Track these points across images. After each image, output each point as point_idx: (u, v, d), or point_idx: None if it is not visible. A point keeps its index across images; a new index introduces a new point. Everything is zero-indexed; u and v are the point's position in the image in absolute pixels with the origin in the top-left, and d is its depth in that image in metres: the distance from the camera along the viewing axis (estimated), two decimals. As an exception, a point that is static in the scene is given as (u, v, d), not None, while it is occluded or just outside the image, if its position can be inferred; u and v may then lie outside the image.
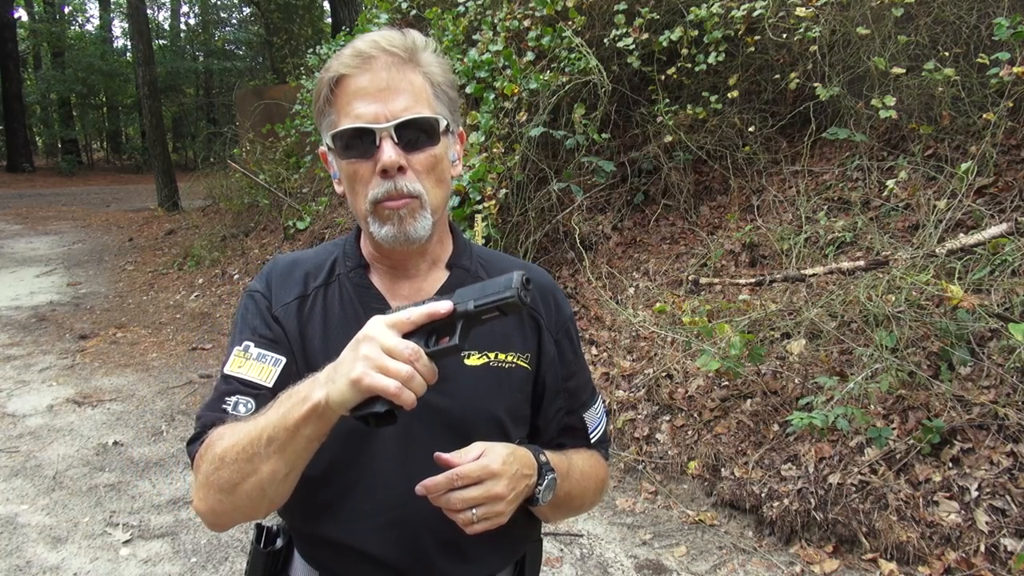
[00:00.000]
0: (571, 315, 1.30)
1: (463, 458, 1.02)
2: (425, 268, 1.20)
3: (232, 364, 1.15)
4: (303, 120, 8.64)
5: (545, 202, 5.50)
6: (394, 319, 0.94)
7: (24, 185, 21.18)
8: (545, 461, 1.12)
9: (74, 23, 33.02)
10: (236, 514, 1.05)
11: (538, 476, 1.10)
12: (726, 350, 3.68)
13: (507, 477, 1.02)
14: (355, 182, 1.10)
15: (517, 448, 1.09)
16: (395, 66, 1.08)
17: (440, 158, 1.12)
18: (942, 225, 3.92)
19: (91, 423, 4.79)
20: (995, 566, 2.69)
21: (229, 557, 3.28)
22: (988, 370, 3.19)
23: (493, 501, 1.01)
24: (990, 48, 4.24)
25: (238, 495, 1.01)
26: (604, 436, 1.33)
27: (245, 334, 1.17)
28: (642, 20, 5.37)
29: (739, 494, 3.39)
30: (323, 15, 28.61)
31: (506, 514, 1.04)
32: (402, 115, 1.06)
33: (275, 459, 0.97)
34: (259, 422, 1.00)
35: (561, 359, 1.24)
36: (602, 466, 1.31)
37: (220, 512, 1.05)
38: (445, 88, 1.13)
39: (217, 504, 1.04)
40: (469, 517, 1.01)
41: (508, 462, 1.03)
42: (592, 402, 1.31)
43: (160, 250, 10.74)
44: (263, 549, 1.25)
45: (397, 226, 1.09)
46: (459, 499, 1.01)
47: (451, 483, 1.01)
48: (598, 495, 1.31)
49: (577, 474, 1.22)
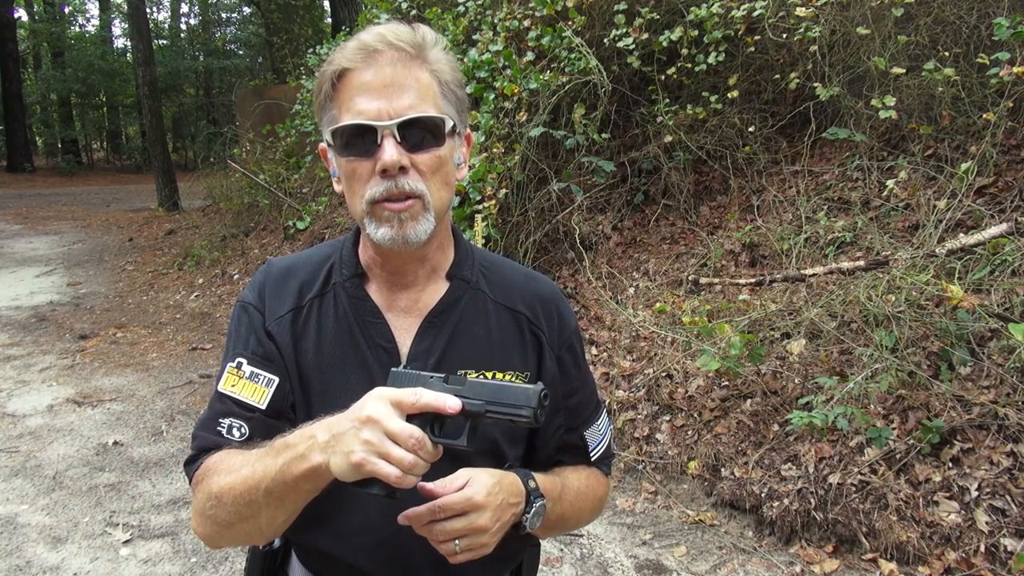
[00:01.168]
0: (576, 328, 1.25)
1: (447, 488, 0.99)
2: (424, 276, 1.16)
3: (225, 382, 1.14)
4: (303, 120, 8.64)
5: (545, 202, 5.50)
6: (399, 398, 0.90)
7: (24, 185, 21.18)
8: (534, 487, 1.08)
9: (74, 23, 33.02)
10: (234, 542, 1.10)
11: (526, 503, 1.07)
12: (726, 350, 3.68)
13: (491, 509, 0.99)
14: (353, 181, 1.06)
15: (504, 476, 1.05)
16: (401, 62, 1.03)
17: (445, 160, 1.06)
18: (942, 225, 3.92)
19: (91, 423, 4.79)
20: (995, 566, 2.69)
21: (229, 557, 3.28)
22: (988, 370, 3.18)
23: (476, 533, 0.99)
24: (990, 48, 4.24)
25: (235, 531, 1.04)
26: (606, 453, 1.28)
27: (238, 349, 1.15)
28: (642, 20, 5.37)
29: (739, 494, 3.39)
30: (323, 15, 28.59)
31: (490, 545, 1.01)
32: (406, 113, 1.01)
33: (274, 507, 0.98)
34: (256, 470, 0.98)
35: (563, 376, 1.20)
36: (601, 484, 1.26)
37: (217, 539, 1.09)
38: (453, 87, 1.08)
39: (214, 533, 1.07)
40: (451, 548, 0.99)
41: (493, 492, 1.00)
42: (595, 418, 1.26)
43: (160, 250, 10.73)
44: (261, 549, 1.25)
45: (396, 228, 1.04)
46: (441, 531, 0.99)
47: (433, 515, 0.99)
48: (595, 513, 1.28)
49: (571, 496, 1.18)
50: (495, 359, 1.14)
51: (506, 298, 1.20)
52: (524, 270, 1.28)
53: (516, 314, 1.19)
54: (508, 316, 1.19)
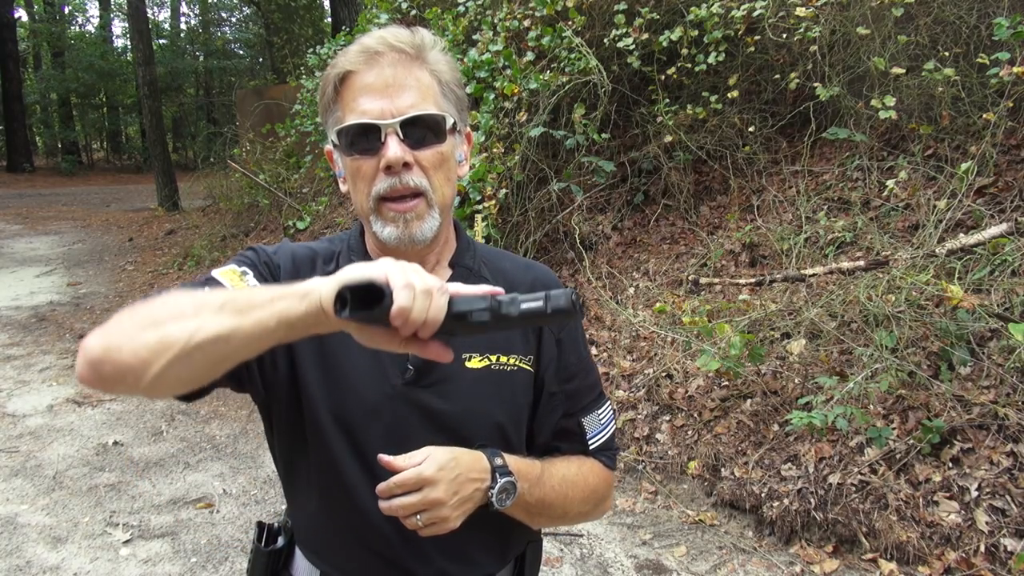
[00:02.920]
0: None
1: (406, 463, 1.02)
2: (430, 267, 1.17)
3: (224, 274, 1.09)
4: (303, 120, 8.64)
5: (545, 202, 5.50)
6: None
7: (24, 185, 21.18)
8: (500, 464, 1.09)
9: (74, 23, 33.03)
10: (124, 360, 0.84)
11: (491, 479, 1.07)
12: (726, 350, 3.68)
13: (445, 482, 1.01)
14: (358, 179, 1.09)
15: (465, 453, 1.06)
16: (402, 63, 1.06)
17: (447, 156, 1.10)
18: (942, 225, 3.92)
19: (91, 423, 4.79)
20: (995, 566, 2.69)
21: (229, 557, 3.28)
22: (988, 370, 3.19)
23: (433, 507, 1.01)
24: (990, 48, 4.24)
25: (149, 334, 0.84)
26: (607, 444, 1.27)
27: (246, 264, 1.12)
28: (642, 20, 5.37)
29: (739, 494, 3.39)
30: (324, 15, 28.58)
31: (452, 519, 1.03)
32: (408, 111, 1.05)
33: (226, 316, 0.83)
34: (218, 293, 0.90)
35: (561, 360, 1.21)
36: (597, 474, 1.24)
37: (110, 350, 0.85)
38: (453, 87, 1.11)
39: (116, 337, 0.86)
40: (414, 523, 1.02)
41: (447, 468, 1.02)
42: (595, 407, 1.26)
43: (160, 250, 10.73)
44: (264, 548, 1.24)
45: (402, 228, 1.08)
46: (399, 506, 1.01)
47: (390, 491, 1.01)
48: (589, 504, 1.24)
49: (555, 481, 1.17)
50: (498, 343, 1.16)
51: (507, 284, 1.20)
52: (523, 259, 1.32)
53: None
54: None
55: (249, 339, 0.83)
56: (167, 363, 0.83)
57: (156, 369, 0.83)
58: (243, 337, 0.83)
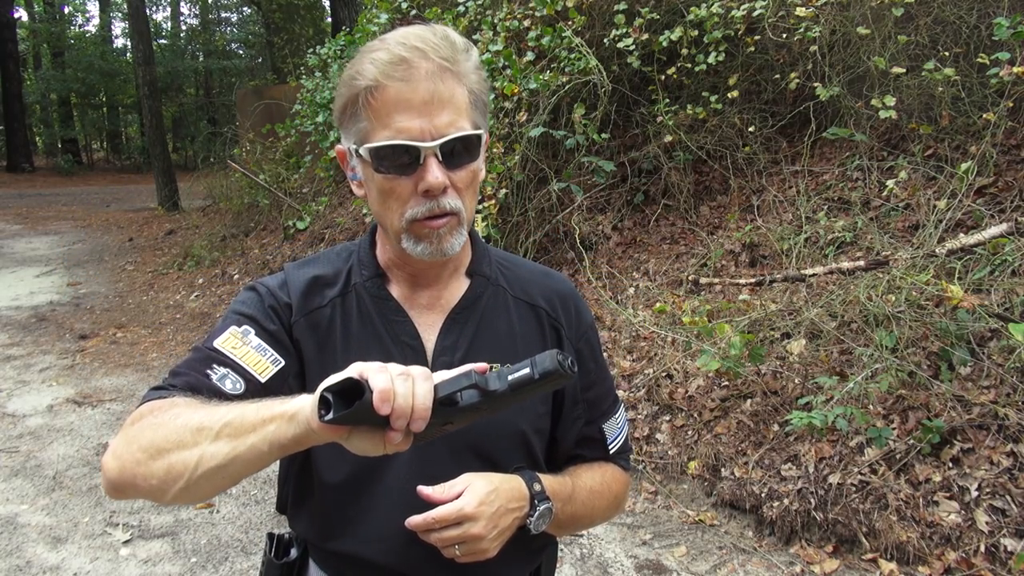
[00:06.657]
0: (592, 322, 1.27)
1: (445, 494, 1.01)
2: (447, 276, 1.17)
3: (225, 342, 1.07)
4: (303, 120, 8.63)
5: (545, 202, 5.50)
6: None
7: (24, 185, 21.18)
8: (540, 490, 1.09)
9: (74, 23, 33.02)
10: (140, 485, 0.93)
11: (530, 507, 1.08)
12: (726, 350, 3.68)
13: (484, 518, 1.01)
14: (391, 198, 1.05)
15: (504, 482, 1.06)
16: (438, 76, 1.01)
17: (477, 173, 1.08)
18: (942, 225, 3.92)
19: (91, 423, 4.79)
20: (995, 566, 2.69)
21: (229, 557, 3.28)
22: (988, 370, 3.19)
23: (472, 541, 1.01)
24: (990, 48, 4.25)
25: (157, 464, 0.91)
26: (624, 446, 1.30)
27: (246, 319, 1.10)
28: (642, 20, 5.37)
29: (739, 494, 3.39)
30: (324, 15, 28.58)
31: (490, 550, 1.03)
32: (447, 132, 1.01)
33: (223, 443, 0.88)
34: (225, 407, 0.92)
35: (581, 367, 1.20)
36: (618, 480, 1.28)
37: (124, 478, 0.94)
38: (481, 96, 1.08)
39: (129, 466, 0.93)
40: (452, 553, 1.02)
41: (487, 502, 1.02)
42: (612, 411, 1.27)
43: (160, 250, 10.74)
44: (277, 561, 1.21)
45: (435, 244, 1.06)
46: (438, 539, 1.01)
47: (428, 526, 1.00)
48: (612, 510, 1.28)
49: (584, 495, 1.19)
50: (518, 353, 1.15)
51: (525, 293, 1.22)
52: (540, 267, 1.30)
53: (535, 308, 1.21)
54: (528, 310, 1.21)
55: (247, 464, 0.89)
56: (179, 491, 0.91)
57: (171, 495, 0.92)
58: (242, 463, 0.89)
